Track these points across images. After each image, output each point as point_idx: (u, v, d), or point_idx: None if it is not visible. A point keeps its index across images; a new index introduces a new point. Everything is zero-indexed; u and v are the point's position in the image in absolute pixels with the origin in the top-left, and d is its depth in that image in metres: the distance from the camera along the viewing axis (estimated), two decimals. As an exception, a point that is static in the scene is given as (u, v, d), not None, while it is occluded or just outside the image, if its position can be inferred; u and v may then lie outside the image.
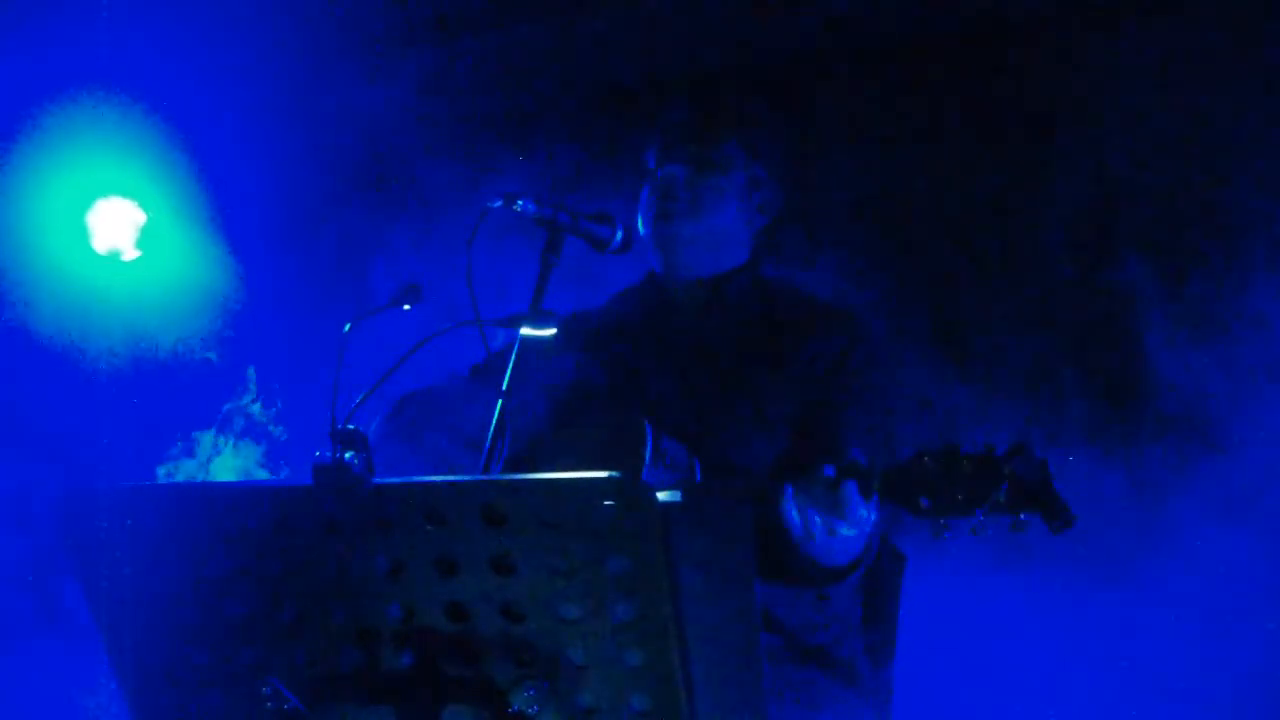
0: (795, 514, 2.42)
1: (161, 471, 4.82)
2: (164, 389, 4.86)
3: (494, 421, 2.49)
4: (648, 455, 2.61)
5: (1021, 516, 2.24)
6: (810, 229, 4.03)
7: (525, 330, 2.57)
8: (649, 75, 4.45)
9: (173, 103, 4.45)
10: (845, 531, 2.41)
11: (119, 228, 4.65)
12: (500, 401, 2.50)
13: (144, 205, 4.68)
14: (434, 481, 1.97)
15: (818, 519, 2.40)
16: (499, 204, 2.59)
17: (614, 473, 1.86)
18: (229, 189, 4.65)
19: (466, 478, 2.10)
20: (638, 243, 2.89)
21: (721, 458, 2.77)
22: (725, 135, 2.99)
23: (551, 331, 2.61)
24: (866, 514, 2.38)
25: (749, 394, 2.86)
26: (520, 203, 2.59)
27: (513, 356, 2.55)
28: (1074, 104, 3.97)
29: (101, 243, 4.65)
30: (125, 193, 4.67)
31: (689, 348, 2.96)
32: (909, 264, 4.15)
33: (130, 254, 4.68)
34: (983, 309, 4.09)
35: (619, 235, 2.73)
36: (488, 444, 2.49)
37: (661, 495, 1.89)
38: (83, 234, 4.66)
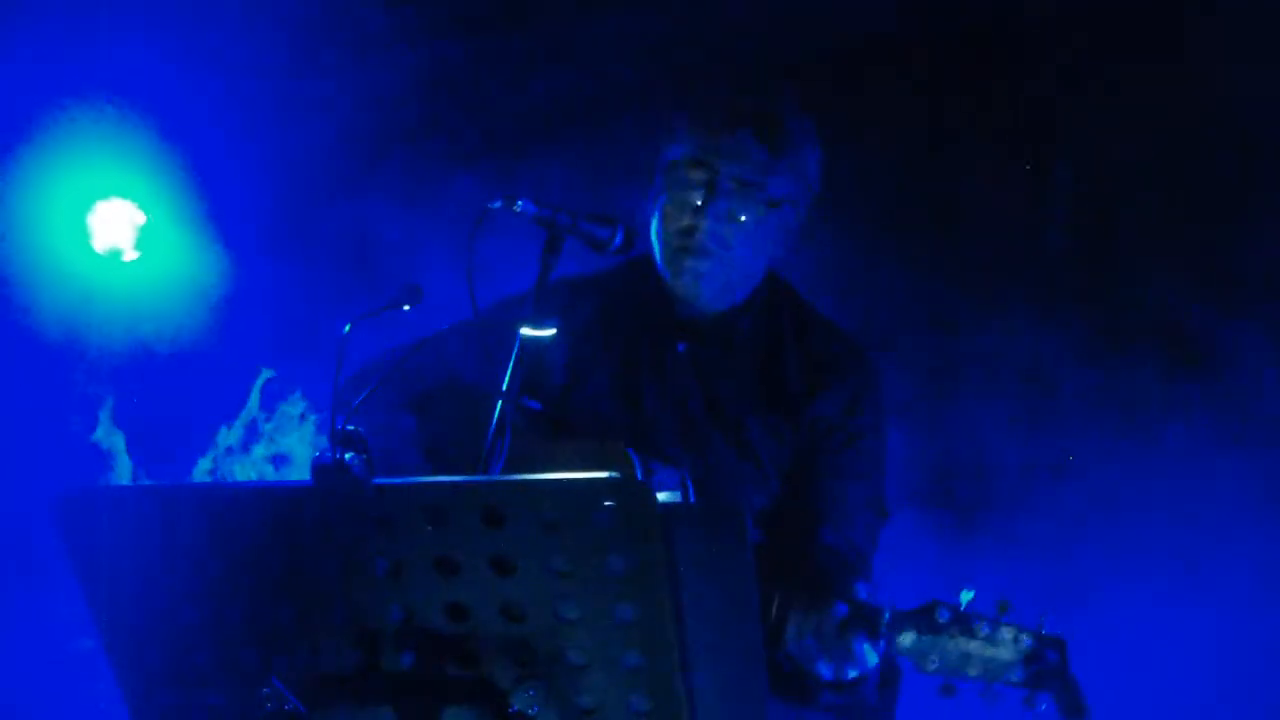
0: (803, 659, 2.41)
1: (204, 465, 4.84)
2: (163, 386, 4.88)
3: (494, 422, 2.48)
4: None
5: (1035, 694, 2.20)
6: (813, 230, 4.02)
7: (525, 330, 2.56)
8: (650, 77, 4.45)
9: (169, 108, 4.50)
10: (852, 674, 2.39)
11: (118, 228, 4.70)
12: (500, 402, 2.49)
13: (142, 206, 4.73)
14: (434, 482, 1.97)
15: (827, 666, 2.38)
16: (499, 204, 2.56)
17: (614, 473, 1.86)
18: (226, 188, 4.68)
19: (467, 478, 2.11)
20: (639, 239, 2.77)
21: (714, 493, 2.73)
22: (774, 168, 2.73)
23: (552, 332, 2.59)
24: (875, 659, 2.36)
25: (748, 442, 2.79)
26: (520, 203, 2.56)
27: (512, 357, 2.53)
28: (1073, 102, 3.97)
29: (101, 242, 4.70)
30: (124, 194, 4.71)
31: (692, 383, 2.87)
32: (908, 262, 4.15)
33: (130, 254, 4.72)
34: (983, 305, 4.09)
35: (619, 236, 2.69)
36: (488, 444, 2.48)
37: (661, 496, 1.89)
38: (84, 234, 4.71)
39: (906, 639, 2.30)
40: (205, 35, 4.27)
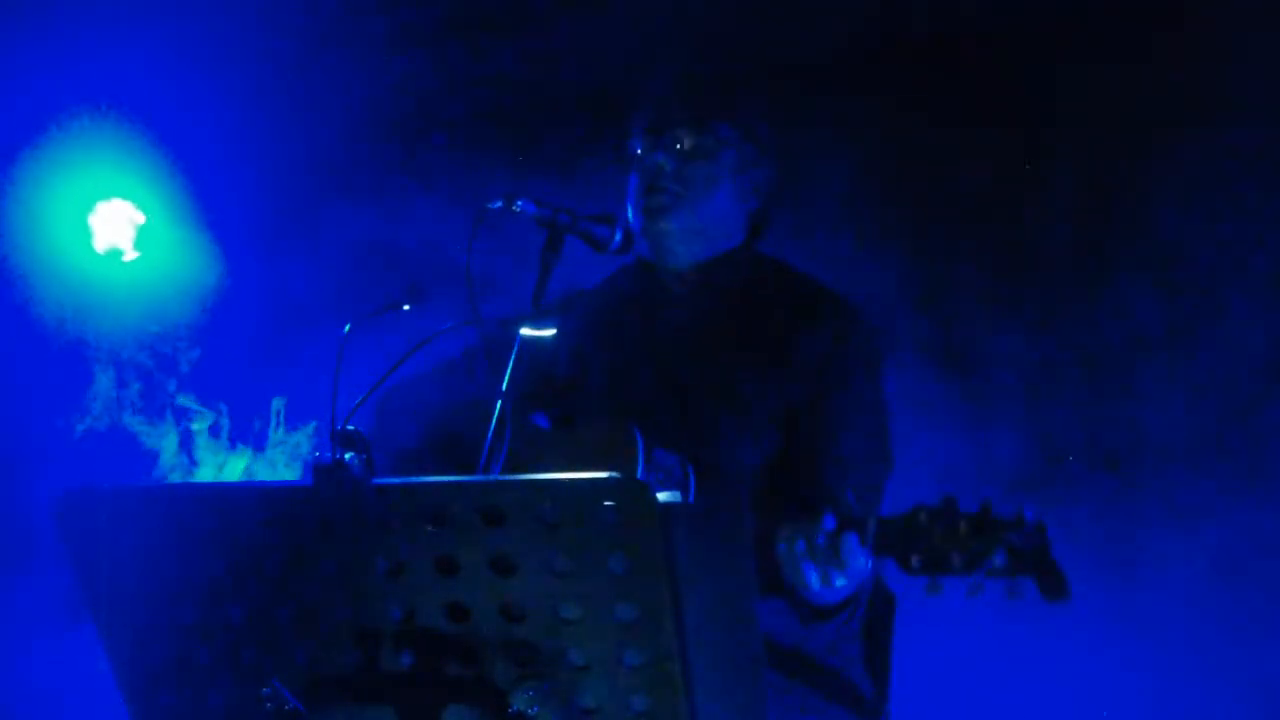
0: (790, 569, 2.39)
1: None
2: (160, 382, 4.92)
3: (493, 421, 2.48)
4: (640, 467, 2.58)
5: (1018, 580, 2.18)
6: (808, 230, 4.02)
7: (525, 330, 2.56)
8: (649, 77, 4.45)
9: (166, 112, 4.57)
10: (840, 583, 2.38)
11: (118, 228, 4.77)
12: (500, 402, 2.49)
13: (141, 206, 4.79)
14: (434, 481, 1.97)
15: (815, 573, 2.37)
16: (498, 204, 2.57)
17: (614, 473, 1.86)
18: (223, 190, 4.73)
19: (466, 478, 2.11)
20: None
21: (710, 459, 2.74)
22: (715, 115, 2.88)
23: (552, 332, 2.59)
24: (864, 564, 2.34)
25: (738, 396, 2.79)
26: (519, 203, 2.56)
27: (512, 357, 2.53)
28: (1072, 103, 3.97)
29: (102, 242, 4.76)
30: (124, 195, 4.78)
31: (680, 344, 2.89)
32: (907, 263, 4.15)
33: (130, 254, 4.78)
34: (982, 307, 4.08)
35: (618, 236, 2.70)
36: (488, 444, 2.48)
37: (661, 495, 1.89)
38: (85, 234, 4.78)
39: (890, 540, 2.30)
40: (202, 42, 4.36)
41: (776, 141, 2.97)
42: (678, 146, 2.87)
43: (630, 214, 2.90)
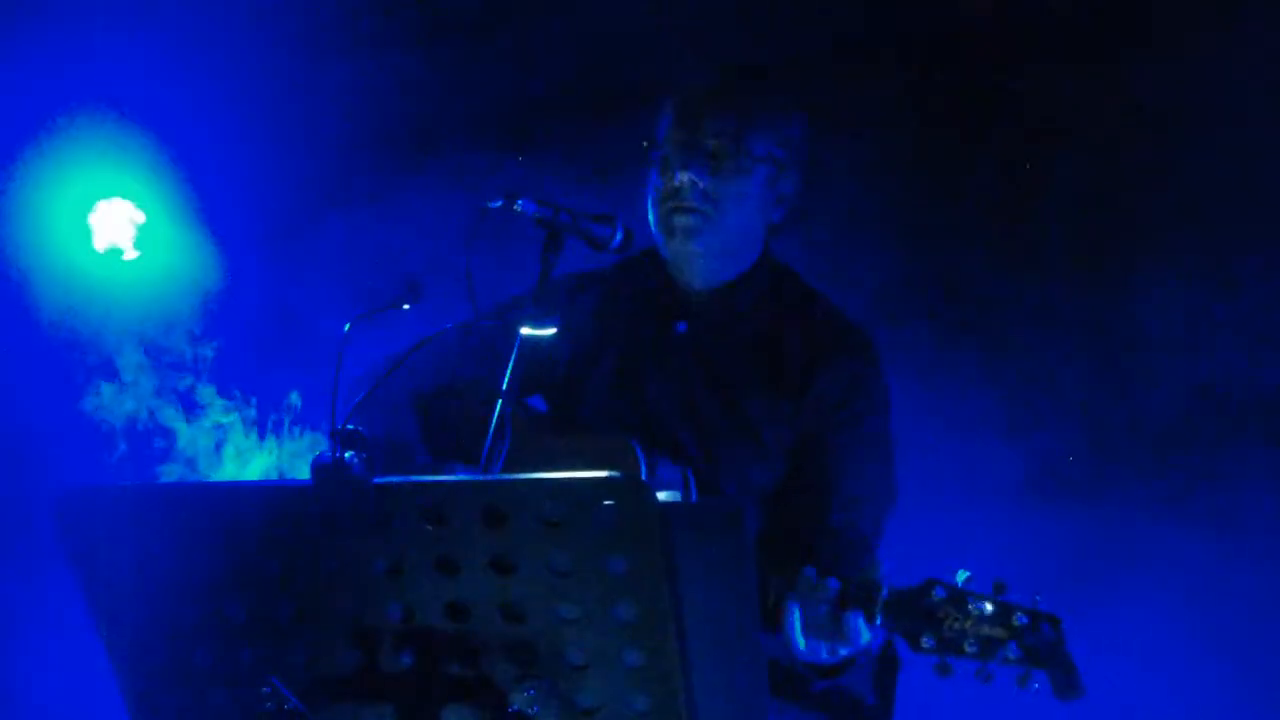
0: (798, 638, 2.40)
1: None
2: (159, 382, 4.93)
3: (494, 421, 2.48)
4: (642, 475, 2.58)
5: (1031, 672, 2.18)
6: (809, 230, 4.02)
7: (525, 330, 2.56)
8: (648, 78, 4.45)
9: (167, 111, 4.60)
10: (844, 652, 2.39)
11: (118, 227, 4.78)
12: (500, 402, 2.49)
13: (141, 206, 4.81)
14: (434, 481, 1.98)
15: (823, 647, 2.38)
16: (499, 204, 2.56)
17: (614, 473, 1.86)
18: (223, 191, 4.75)
19: (467, 478, 2.11)
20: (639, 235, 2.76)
21: (715, 476, 2.74)
22: (751, 129, 2.77)
23: (551, 331, 2.59)
24: (870, 638, 2.35)
25: (750, 422, 2.78)
26: (520, 202, 2.55)
27: (513, 357, 2.53)
28: (1073, 102, 3.97)
29: (102, 241, 4.78)
30: (124, 194, 4.79)
31: (691, 358, 2.87)
32: (908, 263, 4.15)
33: (130, 253, 4.80)
34: (984, 303, 4.08)
35: (619, 235, 2.69)
36: (488, 444, 2.48)
37: (662, 495, 1.89)
38: (85, 234, 4.79)
39: (901, 617, 2.29)
40: (202, 42, 4.37)
41: (808, 141, 2.89)
42: (709, 161, 2.78)
43: (651, 217, 2.86)
